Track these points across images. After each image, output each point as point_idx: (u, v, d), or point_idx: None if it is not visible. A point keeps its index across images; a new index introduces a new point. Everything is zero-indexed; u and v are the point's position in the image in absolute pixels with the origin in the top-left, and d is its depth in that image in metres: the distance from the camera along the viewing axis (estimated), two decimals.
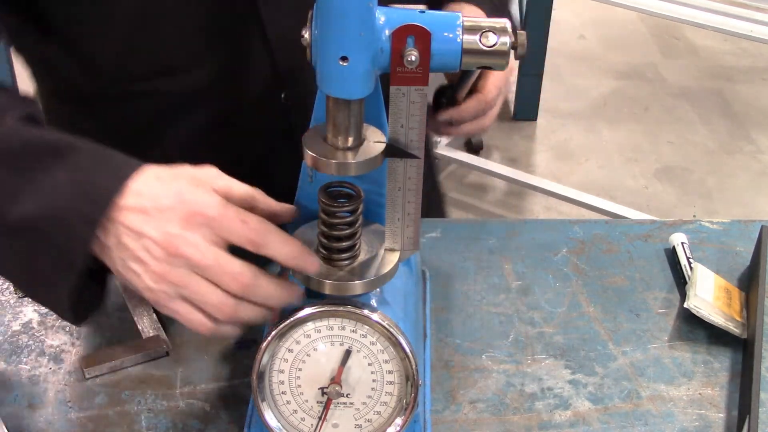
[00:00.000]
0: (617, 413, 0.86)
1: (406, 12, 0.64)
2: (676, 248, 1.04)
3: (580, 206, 2.61)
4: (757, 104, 3.50)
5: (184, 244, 0.65)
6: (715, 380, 0.90)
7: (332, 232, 0.71)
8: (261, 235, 0.67)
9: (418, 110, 0.67)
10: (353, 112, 0.66)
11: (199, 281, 0.66)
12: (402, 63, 0.64)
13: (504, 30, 0.66)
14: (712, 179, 3.05)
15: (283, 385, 0.73)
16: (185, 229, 0.65)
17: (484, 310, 0.97)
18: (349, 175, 0.68)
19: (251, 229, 0.67)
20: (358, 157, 0.67)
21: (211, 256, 0.66)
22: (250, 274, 0.67)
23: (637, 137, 3.26)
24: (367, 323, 0.70)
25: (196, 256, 0.65)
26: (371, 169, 0.68)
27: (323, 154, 0.67)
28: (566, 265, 1.04)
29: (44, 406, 0.84)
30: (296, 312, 0.70)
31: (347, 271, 0.72)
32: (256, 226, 0.67)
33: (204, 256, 0.65)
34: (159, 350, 0.90)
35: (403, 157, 0.70)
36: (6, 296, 0.97)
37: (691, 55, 3.84)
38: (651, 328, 0.96)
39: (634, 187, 3.00)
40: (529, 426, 0.84)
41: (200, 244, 0.65)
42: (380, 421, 0.74)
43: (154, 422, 0.83)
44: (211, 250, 0.66)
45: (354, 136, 0.67)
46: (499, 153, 3.21)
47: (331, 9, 0.60)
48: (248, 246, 0.67)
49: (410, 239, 0.74)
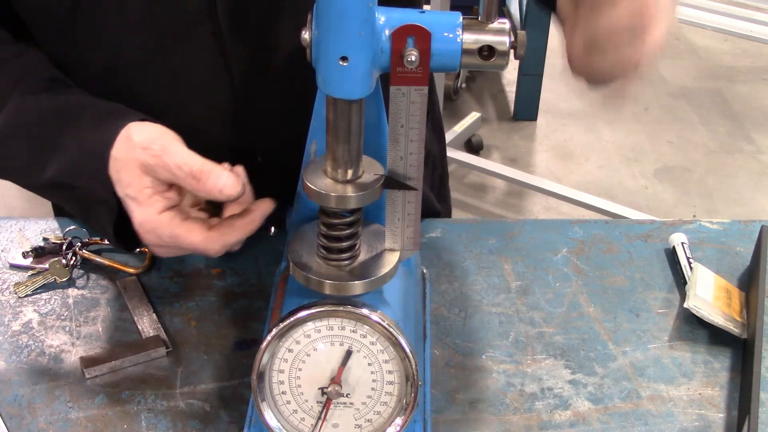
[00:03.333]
0: (617, 413, 0.86)
1: (406, 12, 0.64)
2: (676, 248, 1.04)
3: (580, 206, 2.62)
4: (757, 104, 3.50)
5: (144, 233, 0.78)
6: (715, 380, 0.90)
7: (332, 232, 0.71)
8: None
9: (418, 110, 0.67)
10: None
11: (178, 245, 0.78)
12: (402, 63, 0.64)
13: (503, 30, 0.66)
14: (712, 179, 3.06)
15: (283, 385, 0.73)
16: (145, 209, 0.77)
17: (484, 310, 0.97)
18: (349, 207, 0.69)
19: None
20: (358, 190, 0.68)
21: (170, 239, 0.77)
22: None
23: (637, 137, 3.26)
24: (367, 323, 0.70)
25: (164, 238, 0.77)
26: (370, 201, 0.69)
27: (323, 187, 0.68)
28: (566, 265, 1.04)
29: (44, 406, 0.84)
30: (296, 312, 0.70)
31: (347, 271, 0.72)
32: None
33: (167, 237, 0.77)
34: (159, 350, 0.90)
35: (401, 188, 0.71)
36: (6, 296, 0.97)
37: (691, 55, 3.85)
38: (651, 328, 0.96)
39: (633, 187, 3.00)
40: (529, 426, 0.84)
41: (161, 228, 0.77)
42: (380, 421, 0.74)
43: (154, 422, 0.83)
44: (169, 234, 0.77)
45: (353, 168, 0.68)
46: (499, 153, 3.21)
47: (331, 9, 0.60)
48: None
49: (410, 239, 0.74)
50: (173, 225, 0.77)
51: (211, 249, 0.77)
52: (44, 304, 0.96)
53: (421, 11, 0.65)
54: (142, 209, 0.77)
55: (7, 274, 1.00)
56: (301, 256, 0.73)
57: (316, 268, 0.72)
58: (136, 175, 0.76)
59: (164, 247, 0.79)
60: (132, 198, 0.77)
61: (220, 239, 0.77)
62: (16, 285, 0.98)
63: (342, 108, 0.65)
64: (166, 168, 0.75)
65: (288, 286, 0.77)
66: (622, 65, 0.70)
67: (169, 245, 0.78)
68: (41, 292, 0.98)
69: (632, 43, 0.68)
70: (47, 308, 0.96)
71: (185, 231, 0.77)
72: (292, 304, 0.72)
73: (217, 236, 0.77)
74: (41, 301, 0.97)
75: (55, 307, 0.96)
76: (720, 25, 2.60)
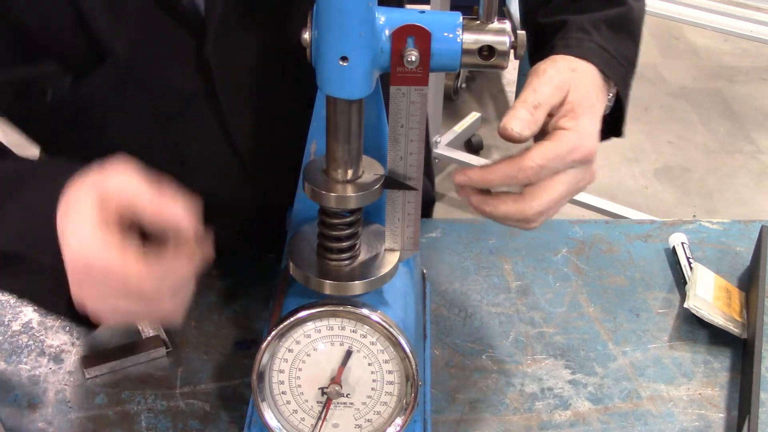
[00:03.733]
0: (617, 413, 0.86)
1: (406, 12, 0.64)
2: (676, 248, 1.04)
3: (580, 206, 2.61)
4: (757, 104, 3.50)
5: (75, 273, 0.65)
6: (715, 380, 0.90)
7: (332, 233, 0.71)
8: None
9: (418, 110, 0.67)
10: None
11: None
12: (402, 63, 0.64)
13: (503, 30, 0.66)
14: (712, 179, 3.05)
15: (283, 385, 0.73)
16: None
17: (484, 310, 0.97)
18: (349, 207, 0.69)
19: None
20: (358, 190, 0.68)
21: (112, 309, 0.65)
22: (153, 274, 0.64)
23: (637, 137, 3.26)
24: (367, 323, 0.70)
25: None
26: (370, 201, 0.69)
27: (323, 187, 0.68)
28: (566, 265, 1.04)
29: (44, 406, 0.84)
30: (296, 312, 0.70)
31: (347, 271, 0.72)
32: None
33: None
34: (159, 350, 0.90)
35: (401, 188, 0.71)
36: (6, 296, 0.97)
37: (691, 55, 3.85)
38: (651, 328, 0.96)
39: (634, 187, 3.00)
40: (529, 426, 0.84)
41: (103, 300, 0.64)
42: (380, 421, 0.74)
43: (154, 422, 0.83)
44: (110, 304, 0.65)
45: (353, 168, 0.68)
46: (499, 153, 3.21)
47: (331, 9, 0.60)
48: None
49: (410, 239, 0.74)
50: (107, 247, 0.62)
51: (146, 286, 0.63)
52: None
53: (421, 11, 0.65)
54: (77, 237, 0.64)
55: None
56: (301, 256, 0.73)
57: (316, 268, 0.72)
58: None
59: (95, 289, 0.65)
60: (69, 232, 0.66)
61: (158, 274, 0.64)
62: None
63: (342, 108, 0.65)
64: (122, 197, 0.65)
65: (288, 286, 0.77)
66: (501, 217, 0.73)
67: (99, 284, 0.64)
68: None
69: (511, 205, 0.71)
70: None
71: (120, 256, 0.62)
72: (292, 304, 0.72)
73: (157, 271, 0.63)
74: None
75: None
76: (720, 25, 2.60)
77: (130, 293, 0.63)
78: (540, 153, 0.69)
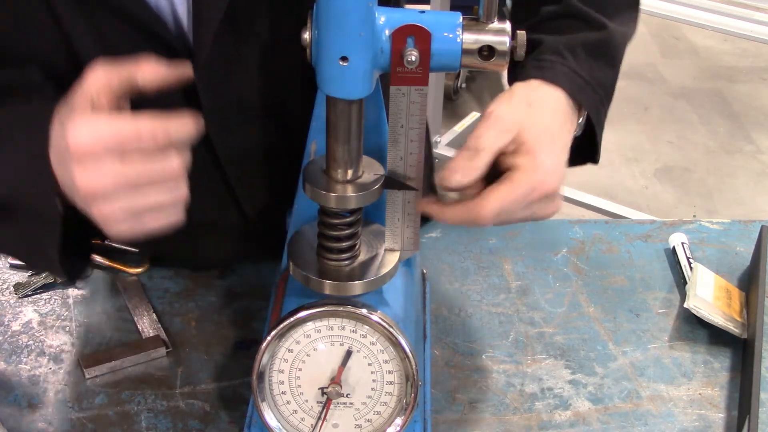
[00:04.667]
0: (617, 413, 0.86)
1: (406, 12, 0.64)
2: (676, 248, 1.04)
3: (580, 206, 2.61)
4: (757, 104, 3.50)
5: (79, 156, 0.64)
6: (715, 380, 0.90)
7: (332, 232, 0.71)
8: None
9: (418, 110, 0.67)
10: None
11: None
12: (402, 63, 0.64)
13: (503, 30, 0.66)
14: (712, 179, 3.05)
15: (283, 385, 0.73)
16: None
17: (484, 310, 0.97)
18: (349, 207, 0.69)
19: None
20: (358, 190, 0.68)
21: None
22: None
23: (637, 137, 3.26)
24: (367, 323, 0.70)
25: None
26: (370, 201, 0.69)
27: (323, 187, 0.68)
28: (566, 265, 1.04)
29: (44, 406, 0.84)
30: (296, 312, 0.70)
31: (347, 271, 0.72)
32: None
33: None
34: (159, 350, 0.90)
35: (400, 189, 0.71)
36: (6, 296, 0.97)
37: (691, 55, 3.85)
38: (651, 328, 0.96)
39: (633, 187, 3.00)
40: (529, 426, 0.84)
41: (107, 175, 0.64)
42: (380, 421, 0.74)
43: (154, 422, 0.83)
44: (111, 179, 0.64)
45: (353, 168, 0.68)
46: None
47: (331, 9, 0.60)
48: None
49: (410, 239, 0.74)
50: (104, 116, 0.65)
51: (145, 134, 0.64)
52: (44, 304, 0.96)
53: (421, 11, 0.65)
54: (75, 123, 0.64)
55: (7, 274, 1.00)
56: (301, 256, 0.73)
57: (316, 268, 0.72)
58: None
59: (99, 166, 0.64)
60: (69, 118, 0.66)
61: (159, 126, 0.65)
62: (16, 285, 0.98)
63: (342, 108, 0.65)
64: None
65: (288, 286, 0.77)
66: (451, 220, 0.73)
67: (102, 155, 0.63)
68: (41, 292, 0.98)
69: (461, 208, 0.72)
70: (47, 308, 0.96)
71: (116, 115, 0.64)
72: (292, 304, 0.72)
73: (156, 123, 0.64)
74: (41, 301, 0.97)
75: (55, 307, 0.96)
76: (720, 25, 2.60)
77: (137, 144, 0.63)
78: (496, 198, 0.69)
